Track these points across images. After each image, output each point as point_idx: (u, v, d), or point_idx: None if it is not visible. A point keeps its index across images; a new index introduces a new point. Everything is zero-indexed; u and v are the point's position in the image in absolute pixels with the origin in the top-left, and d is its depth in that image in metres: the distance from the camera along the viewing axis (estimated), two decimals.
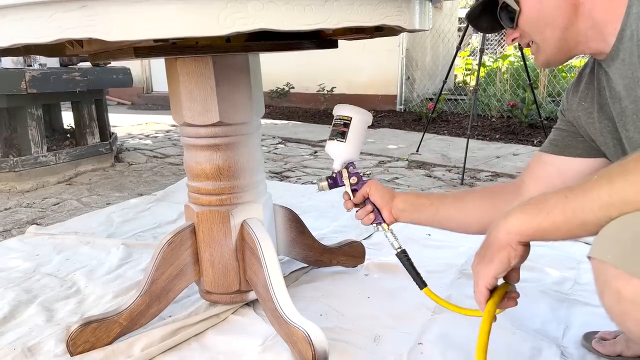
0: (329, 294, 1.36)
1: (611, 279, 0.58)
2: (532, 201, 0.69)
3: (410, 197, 1.07)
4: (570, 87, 0.94)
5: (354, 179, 1.10)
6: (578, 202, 0.62)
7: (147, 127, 4.62)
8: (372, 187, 1.07)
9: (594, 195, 0.61)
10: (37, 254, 1.69)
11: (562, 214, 0.63)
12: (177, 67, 1.12)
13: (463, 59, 6.84)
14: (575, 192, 0.63)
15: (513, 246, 0.69)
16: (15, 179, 2.51)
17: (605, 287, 0.59)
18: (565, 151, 0.94)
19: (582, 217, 0.62)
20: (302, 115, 5.25)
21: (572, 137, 0.93)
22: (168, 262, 1.17)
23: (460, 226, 1.04)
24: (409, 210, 1.05)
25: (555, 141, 0.96)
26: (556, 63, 0.87)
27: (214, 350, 1.11)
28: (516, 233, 0.68)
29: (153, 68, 7.16)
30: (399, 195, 1.08)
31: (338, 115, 1.10)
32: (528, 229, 0.67)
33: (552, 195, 0.66)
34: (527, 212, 0.68)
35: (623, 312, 0.58)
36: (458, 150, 3.31)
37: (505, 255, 0.70)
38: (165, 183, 2.61)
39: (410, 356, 1.06)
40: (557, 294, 1.30)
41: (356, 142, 1.08)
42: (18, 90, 2.39)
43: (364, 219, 1.09)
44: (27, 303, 1.35)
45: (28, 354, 1.12)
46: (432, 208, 1.04)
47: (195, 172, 1.20)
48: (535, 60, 0.88)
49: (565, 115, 0.94)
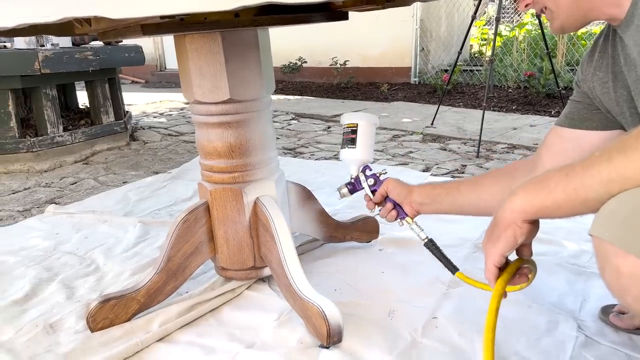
0: (343, 269, 1.36)
1: (610, 256, 0.59)
2: (535, 180, 0.69)
3: (427, 189, 1.09)
4: (585, 56, 0.92)
5: (372, 181, 1.14)
6: (579, 180, 0.62)
7: (161, 105, 4.63)
8: (389, 185, 1.11)
9: (594, 172, 0.61)
10: (56, 233, 1.72)
11: (564, 192, 0.64)
12: (186, 44, 1.11)
13: (479, 29, 6.67)
14: (576, 169, 0.63)
15: (518, 224, 0.70)
16: (33, 159, 2.55)
17: (605, 264, 0.60)
18: (582, 124, 0.92)
19: (583, 194, 0.62)
20: (315, 90, 5.21)
21: (588, 109, 0.91)
22: (183, 240, 1.18)
23: (481, 210, 1.04)
24: (428, 202, 1.07)
25: (571, 114, 0.94)
26: (571, 29, 0.84)
27: (231, 325, 1.13)
28: (520, 212, 0.69)
29: (166, 45, 7.14)
30: (415, 189, 1.09)
31: (345, 123, 1.16)
32: (531, 207, 0.68)
33: (554, 174, 0.66)
34: (530, 191, 0.68)
35: (622, 288, 0.59)
36: (474, 123, 3.26)
37: (511, 234, 0.71)
38: (180, 161, 2.63)
39: (424, 330, 1.07)
40: (574, 267, 1.29)
41: (366, 145, 1.13)
42: (32, 70, 2.40)
43: (387, 217, 1.12)
44: (48, 281, 1.38)
45: (50, 331, 1.15)
46: (450, 197, 1.06)
47: (207, 150, 1.20)
48: (550, 26, 0.86)
49: (581, 86, 0.92)
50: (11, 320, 1.20)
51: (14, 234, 1.73)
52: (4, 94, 2.48)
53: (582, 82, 0.91)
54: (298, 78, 5.77)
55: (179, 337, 1.10)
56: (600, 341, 1.00)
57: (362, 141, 1.13)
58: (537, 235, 1.49)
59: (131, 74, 6.96)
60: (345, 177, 1.20)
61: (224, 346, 1.05)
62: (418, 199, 1.07)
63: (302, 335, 1.07)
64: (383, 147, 2.79)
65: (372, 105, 4.20)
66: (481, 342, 1.00)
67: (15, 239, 1.69)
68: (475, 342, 1.01)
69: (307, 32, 5.61)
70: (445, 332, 1.06)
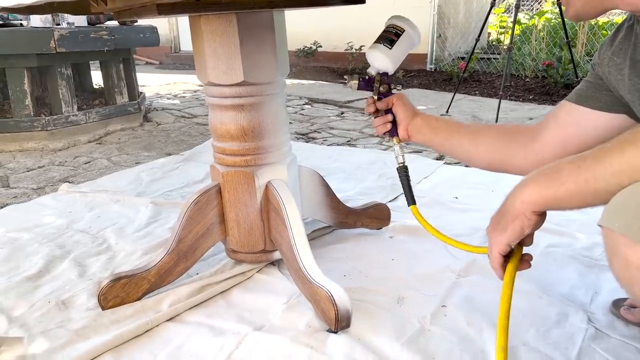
0: (353, 256, 1.36)
1: (619, 246, 0.59)
2: (546, 171, 0.69)
3: (431, 119, 1.10)
4: (605, 41, 0.90)
5: (385, 87, 1.12)
6: (590, 171, 0.62)
7: (174, 87, 4.63)
8: (399, 99, 1.11)
9: (605, 164, 0.61)
10: (69, 211, 1.74)
11: (575, 183, 0.64)
12: (201, 25, 1.10)
13: (497, 16, 6.57)
14: (587, 161, 0.63)
15: (527, 215, 0.70)
16: (47, 138, 2.57)
17: (613, 254, 0.61)
18: (586, 102, 0.91)
19: (594, 185, 0.62)
20: (330, 75, 5.18)
21: (596, 89, 0.90)
22: (195, 221, 1.19)
23: (469, 158, 1.07)
24: (425, 130, 1.09)
25: (580, 91, 0.94)
26: (587, 16, 0.82)
27: (240, 307, 1.14)
28: (530, 203, 0.69)
29: (180, 27, 7.12)
30: (420, 114, 1.11)
31: (392, 24, 1.10)
32: (542, 198, 0.68)
33: (566, 165, 0.66)
34: (540, 182, 0.68)
35: (630, 278, 0.59)
36: (489, 111, 3.22)
37: (519, 225, 0.71)
38: (192, 143, 2.63)
39: (433, 318, 1.07)
40: (587, 260, 1.28)
41: (400, 54, 1.09)
42: (47, 49, 2.41)
43: (379, 127, 1.13)
44: (60, 258, 1.40)
45: (62, 307, 1.17)
46: (446, 134, 1.07)
47: (220, 132, 1.19)
48: (566, 12, 0.84)
49: (595, 69, 0.91)
50: (24, 295, 1.21)
51: (28, 211, 1.76)
52: (20, 72, 2.49)
53: (598, 65, 0.90)
54: (312, 62, 5.73)
55: (188, 317, 1.11)
56: (610, 334, 0.99)
57: (399, 47, 1.08)
58: (550, 227, 1.48)
59: (145, 55, 6.97)
60: (356, 164, 1.20)
61: (233, 327, 1.06)
62: (419, 122, 1.09)
63: (310, 319, 1.07)
64: (400, 87, 2.76)
65: None
66: (490, 332, 1.00)
67: (29, 215, 1.71)
68: (484, 331, 1.01)
69: (322, 16, 5.56)
70: (454, 320, 1.06)
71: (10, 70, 2.49)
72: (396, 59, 1.09)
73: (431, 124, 1.09)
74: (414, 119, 1.09)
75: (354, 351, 0.96)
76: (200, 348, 1.00)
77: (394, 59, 1.09)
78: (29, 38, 2.41)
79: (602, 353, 0.94)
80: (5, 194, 1.97)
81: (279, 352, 0.97)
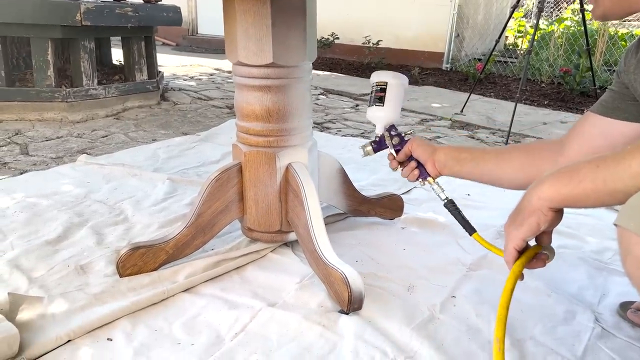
0: (365, 243, 1.38)
1: (633, 246, 0.61)
2: (565, 169, 0.70)
3: (452, 151, 1.10)
4: (631, 47, 0.90)
5: (397, 140, 1.14)
6: (609, 172, 0.64)
7: (191, 69, 4.65)
8: (414, 143, 1.11)
9: (625, 165, 0.62)
10: (87, 182, 1.77)
11: (593, 182, 0.65)
12: (235, 5, 1.12)
13: (516, 20, 6.54)
14: (607, 161, 0.65)
15: (544, 212, 0.71)
16: (67, 109, 2.60)
17: (627, 253, 0.62)
18: (613, 113, 0.92)
19: (612, 186, 0.64)
20: (345, 68, 5.18)
21: (622, 99, 0.91)
22: (215, 197, 1.21)
23: (500, 182, 1.07)
24: (451, 164, 1.08)
25: (605, 102, 0.94)
26: (613, 17, 0.83)
27: (254, 283, 1.16)
28: (547, 199, 0.70)
29: (199, 10, 7.13)
30: (441, 149, 1.10)
31: (375, 81, 1.16)
32: (559, 195, 0.69)
33: (584, 165, 0.67)
34: (559, 180, 0.69)
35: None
36: (504, 114, 3.23)
37: (535, 220, 0.72)
38: (208, 124, 2.66)
39: (442, 307, 1.09)
40: (596, 262, 1.30)
41: (394, 105, 1.13)
42: (73, 21, 2.43)
43: (409, 176, 1.13)
44: (79, 226, 1.43)
45: (80, 272, 1.20)
46: (473, 163, 1.06)
47: (245, 112, 1.21)
48: (592, 12, 0.85)
49: (621, 77, 0.92)
50: (44, 258, 1.25)
51: (47, 179, 1.79)
52: (44, 42, 2.52)
53: (624, 73, 0.91)
54: (329, 54, 5.73)
55: (203, 289, 1.14)
56: (617, 334, 1.01)
57: (390, 100, 1.13)
58: (561, 229, 1.49)
59: (163, 35, 6.98)
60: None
61: (247, 302, 1.08)
62: (442, 158, 1.08)
63: (322, 299, 1.10)
64: (411, 129, 2.78)
65: None
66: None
67: (48, 183, 1.74)
68: (492, 322, 1.03)
69: (341, 9, 5.56)
70: (463, 310, 1.08)
71: (35, 40, 2.52)
72: (393, 110, 1.14)
73: (455, 156, 1.08)
74: (437, 156, 1.09)
75: (365, 332, 0.98)
76: (215, 319, 1.03)
77: (391, 112, 1.13)
78: (56, 9, 2.43)
79: (607, 352, 0.96)
80: (25, 161, 2.00)
81: (292, 328, 1.00)
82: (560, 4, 7.61)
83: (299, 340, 0.97)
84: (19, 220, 1.45)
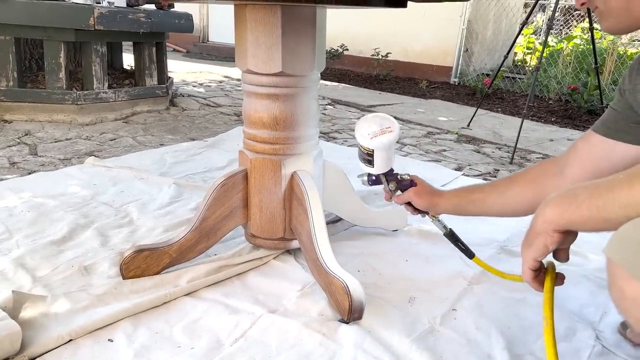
0: (367, 253, 1.39)
1: (617, 277, 0.62)
2: (566, 194, 0.71)
3: (453, 201, 1.13)
4: (634, 66, 0.89)
5: (393, 185, 1.17)
6: (601, 200, 0.64)
7: (200, 76, 4.69)
8: (413, 195, 1.15)
9: (615, 195, 0.63)
10: (94, 184, 1.78)
11: (588, 209, 0.66)
12: (246, 14, 1.13)
13: (525, 37, 6.56)
14: (600, 189, 0.65)
15: (549, 234, 0.72)
16: (76, 112, 2.63)
17: (613, 283, 0.64)
18: (616, 135, 0.92)
19: (605, 214, 0.64)
20: (354, 79, 5.21)
21: (626, 121, 0.91)
22: (219, 203, 1.22)
23: (507, 215, 1.10)
24: (451, 209, 1.13)
25: (608, 122, 0.94)
26: (620, 32, 0.83)
27: (255, 289, 1.17)
28: (550, 222, 0.71)
29: (211, 17, 7.20)
30: (440, 202, 1.13)
31: (360, 144, 1.12)
32: (560, 219, 0.70)
33: (582, 190, 0.68)
34: (560, 205, 0.70)
35: (625, 308, 0.63)
36: (510, 129, 3.23)
37: (542, 242, 0.73)
38: (216, 131, 2.68)
39: (443, 320, 1.09)
40: (599, 280, 1.29)
41: (384, 162, 1.13)
42: (86, 25, 2.47)
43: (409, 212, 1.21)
44: (84, 227, 1.44)
45: (84, 272, 1.21)
46: (476, 208, 1.10)
47: (253, 119, 1.23)
48: (599, 24, 0.85)
49: (625, 96, 0.91)
50: (49, 258, 1.26)
51: (54, 180, 1.80)
52: (57, 45, 2.55)
53: (628, 92, 0.89)
54: (338, 65, 5.77)
55: (205, 294, 1.14)
56: (617, 353, 1.01)
57: (379, 162, 1.13)
58: None
59: (174, 42, 7.05)
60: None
61: (248, 308, 1.09)
62: (443, 209, 1.13)
63: (323, 308, 1.10)
64: (417, 142, 2.79)
65: (409, 100, 4.18)
66: (498, 338, 1.02)
67: (55, 184, 1.76)
68: (491, 336, 1.03)
69: (350, 20, 5.61)
70: (464, 324, 1.08)
71: (48, 43, 2.56)
72: (384, 165, 1.14)
73: (457, 204, 1.12)
74: (437, 207, 1.13)
75: (364, 342, 0.99)
76: (216, 324, 1.04)
77: (381, 167, 1.14)
78: (70, 13, 2.47)
79: None
80: (33, 161, 2.03)
81: (291, 335, 1.00)
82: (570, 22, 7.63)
83: (298, 347, 0.97)
84: (25, 220, 1.46)
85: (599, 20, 0.84)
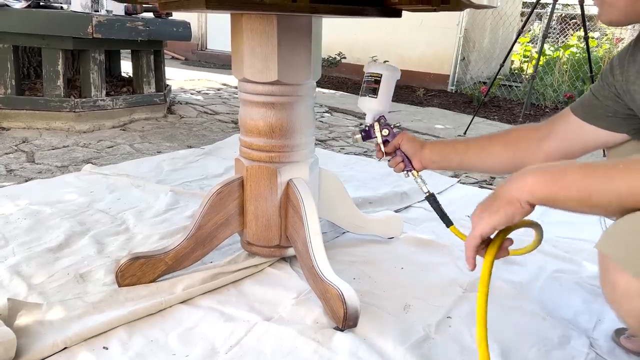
0: (363, 261, 1.39)
1: (609, 270, 0.64)
2: (551, 168, 0.70)
3: (438, 147, 1.17)
4: (624, 54, 0.88)
5: (386, 131, 1.20)
6: (597, 186, 0.64)
7: (198, 84, 4.70)
8: (403, 139, 1.18)
9: (613, 184, 0.63)
10: (91, 191, 1.79)
11: (578, 192, 0.65)
12: (243, 23, 1.14)
13: (522, 45, 6.60)
14: (596, 174, 0.65)
15: (522, 204, 0.70)
16: (74, 119, 2.63)
17: (604, 277, 0.65)
18: (592, 121, 0.95)
19: (596, 201, 0.64)
20: (351, 87, 5.23)
21: (604, 110, 0.92)
22: (215, 211, 1.23)
23: (484, 171, 1.17)
24: (436, 158, 1.15)
25: (586, 108, 0.96)
26: (620, 24, 0.84)
27: (251, 297, 1.17)
28: (528, 193, 0.69)
29: (209, 26, 7.24)
30: (427, 145, 1.17)
31: (369, 72, 1.20)
32: (540, 193, 0.69)
33: (574, 170, 0.67)
34: (544, 178, 0.69)
35: (617, 301, 0.64)
36: None
37: (511, 210, 0.71)
38: (213, 138, 2.68)
39: (438, 327, 1.09)
40: (593, 288, 1.30)
41: (386, 96, 1.19)
42: (85, 33, 2.48)
43: (395, 168, 1.20)
44: (80, 234, 1.44)
45: (80, 280, 1.21)
46: (458, 158, 1.13)
47: (249, 127, 1.24)
48: (599, 16, 0.84)
49: (610, 86, 0.90)
50: (44, 265, 1.26)
51: (51, 187, 1.81)
52: (56, 53, 2.56)
53: (616, 82, 0.88)
54: (335, 73, 5.80)
55: (200, 302, 1.14)
56: None
57: (383, 92, 1.17)
58: (558, 254, 1.50)
59: (172, 50, 7.08)
60: (371, 174, 1.23)
61: (243, 315, 1.09)
62: (428, 155, 1.15)
63: (318, 315, 1.10)
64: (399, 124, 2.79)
65: (406, 108, 4.20)
66: (493, 347, 1.02)
67: (52, 191, 1.76)
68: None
69: (348, 29, 5.64)
70: (458, 331, 1.08)
71: (46, 51, 2.57)
72: (385, 102, 1.19)
73: (440, 152, 1.15)
74: (423, 152, 1.16)
75: (359, 349, 0.99)
76: (211, 331, 1.04)
77: (383, 103, 1.18)
78: (68, 21, 2.48)
79: None
80: (30, 168, 2.03)
81: (286, 343, 1.00)
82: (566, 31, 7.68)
83: (293, 355, 0.97)
84: (21, 227, 1.46)
85: (599, 11, 0.83)
